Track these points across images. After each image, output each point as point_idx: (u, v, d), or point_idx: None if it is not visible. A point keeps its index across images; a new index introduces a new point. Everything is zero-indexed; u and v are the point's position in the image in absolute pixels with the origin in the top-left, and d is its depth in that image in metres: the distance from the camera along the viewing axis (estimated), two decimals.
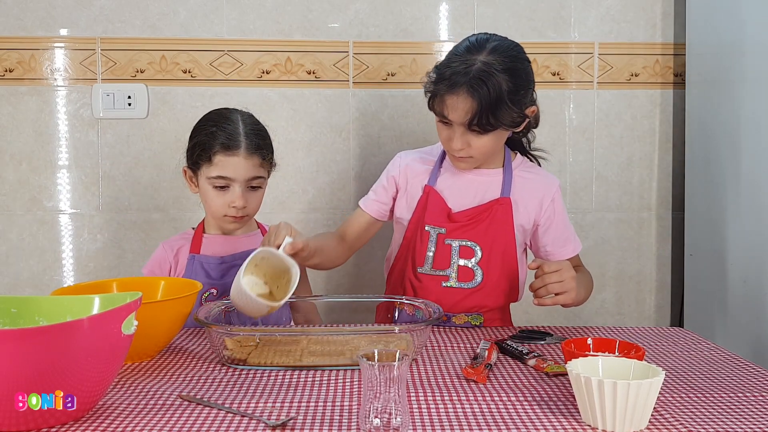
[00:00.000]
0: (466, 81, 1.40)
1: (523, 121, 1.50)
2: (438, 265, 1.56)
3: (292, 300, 1.67)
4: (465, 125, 1.45)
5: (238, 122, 1.59)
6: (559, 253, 1.61)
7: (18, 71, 2.08)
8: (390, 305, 1.55)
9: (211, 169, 1.57)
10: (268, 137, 1.64)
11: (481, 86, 1.40)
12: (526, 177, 1.61)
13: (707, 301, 2.00)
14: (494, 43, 1.46)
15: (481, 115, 1.41)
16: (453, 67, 1.43)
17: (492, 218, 1.55)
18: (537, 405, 1.04)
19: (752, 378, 1.17)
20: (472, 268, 1.55)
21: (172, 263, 1.65)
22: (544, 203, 1.60)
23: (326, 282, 2.18)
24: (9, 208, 2.11)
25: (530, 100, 1.50)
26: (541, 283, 1.40)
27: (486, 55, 1.43)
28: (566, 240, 1.63)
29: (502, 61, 1.42)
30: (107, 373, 0.99)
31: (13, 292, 2.11)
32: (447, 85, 1.43)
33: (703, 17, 2.01)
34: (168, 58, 2.09)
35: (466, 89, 1.41)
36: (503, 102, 1.41)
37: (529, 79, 1.48)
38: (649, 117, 2.20)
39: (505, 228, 1.56)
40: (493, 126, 1.44)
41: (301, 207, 2.16)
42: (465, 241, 1.55)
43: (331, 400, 1.06)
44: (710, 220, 1.98)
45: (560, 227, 1.62)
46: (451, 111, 1.45)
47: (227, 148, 1.55)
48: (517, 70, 1.45)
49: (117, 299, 1.08)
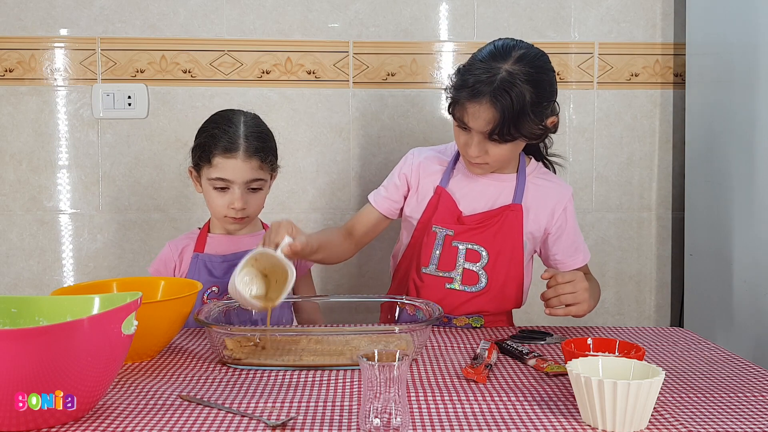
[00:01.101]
0: (490, 91, 1.37)
1: (544, 132, 1.48)
2: (443, 267, 1.55)
3: (295, 300, 1.68)
4: (485, 134, 1.42)
5: (240, 124, 1.59)
6: (568, 262, 1.60)
7: (18, 71, 2.08)
8: (394, 305, 1.54)
9: (211, 171, 1.58)
10: (269, 140, 1.64)
11: (505, 97, 1.37)
12: (539, 184, 1.59)
13: (707, 301, 2.00)
14: (521, 51, 1.42)
15: (503, 126, 1.39)
16: (476, 75, 1.40)
17: (502, 224, 1.54)
18: (537, 405, 1.04)
19: (752, 378, 1.17)
20: (477, 272, 1.53)
21: (177, 262, 1.66)
22: (556, 212, 1.58)
23: (327, 282, 2.18)
24: (9, 208, 2.11)
25: (551, 110, 1.47)
26: (554, 293, 1.39)
27: (511, 64, 1.39)
28: (576, 249, 1.61)
29: (527, 72, 1.39)
30: (107, 373, 0.99)
31: (13, 292, 2.11)
32: (469, 92, 1.40)
33: (703, 17, 2.01)
34: (168, 58, 2.09)
35: (489, 99, 1.38)
36: (526, 114, 1.39)
37: (552, 91, 1.46)
38: (649, 117, 2.20)
39: (514, 234, 1.54)
40: (513, 137, 1.42)
41: (301, 207, 2.16)
42: (472, 244, 1.53)
43: (331, 400, 1.06)
44: (710, 220, 1.98)
45: (571, 236, 1.60)
46: (471, 119, 1.42)
47: (226, 150, 1.56)
48: (542, 81, 1.42)
49: (117, 299, 1.08)
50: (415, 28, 2.13)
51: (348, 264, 2.18)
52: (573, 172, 2.19)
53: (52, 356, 0.90)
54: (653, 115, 2.20)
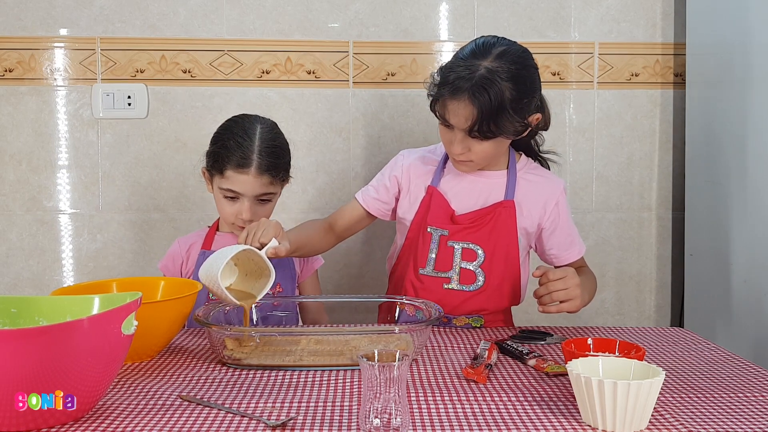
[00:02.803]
0: (469, 87, 1.38)
1: (525, 129, 1.48)
2: (440, 267, 1.55)
3: (301, 300, 1.70)
4: (466, 131, 1.43)
5: (255, 138, 1.58)
6: (564, 256, 1.61)
7: (18, 71, 2.08)
8: (392, 305, 1.55)
9: (222, 182, 1.59)
10: (284, 155, 1.63)
11: (483, 94, 1.37)
12: (530, 179, 1.59)
13: (707, 301, 2.00)
14: (501, 48, 1.42)
15: (482, 123, 1.39)
16: (456, 72, 1.40)
17: (495, 221, 1.54)
18: (537, 405, 1.04)
19: (752, 378, 1.17)
20: (474, 270, 1.54)
21: (184, 258, 1.69)
22: (548, 206, 1.58)
23: (326, 282, 2.18)
24: (9, 208, 2.11)
25: (535, 107, 1.47)
26: (546, 290, 1.39)
27: (491, 61, 1.39)
28: (571, 243, 1.61)
29: (507, 68, 1.39)
30: (107, 373, 0.99)
31: (13, 292, 2.11)
32: (449, 89, 1.40)
33: (703, 17, 2.01)
34: (168, 58, 2.09)
35: (468, 96, 1.38)
36: (505, 110, 1.39)
37: (534, 87, 1.45)
38: (649, 117, 2.20)
39: (508, 231, 1.55)
40: (493, 133, 1.42)
41: (301, 207, 2.16)
42: (468, 243, 1.54)
43: (331, 400, 1.06)
44: (710, 220, 1.98)
45: (565, 230, 1.60)
46: (452, 116, 1.43)
47: (239, 165, 1.56)
48: (522, 78, 1.41)
49: (117, 299, 1.08)
50: (415, 28, 2.13)
51: (348, 264, 2.18)
52: (573, 172, 2.19)
53: (52, 356, 0.90)
54: (653, 115, 2.20)
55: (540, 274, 1.41)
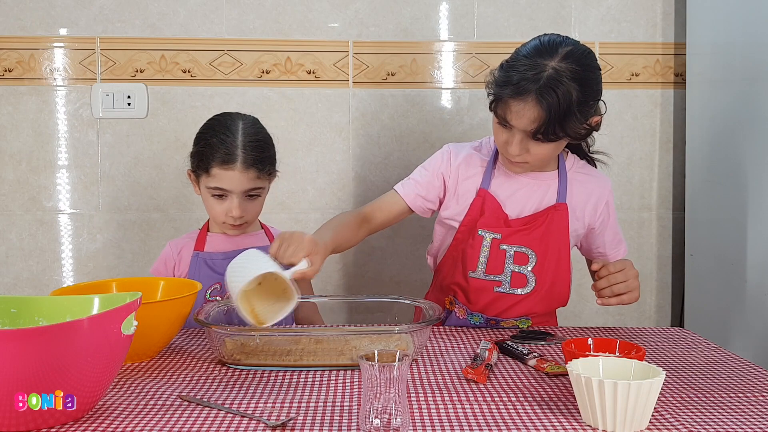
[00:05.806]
0: (536, 88, 1.32)
1: (589, 132, 1.44)
2: (491, 270, 1.51)
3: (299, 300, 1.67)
4: (528, 133, 1.38)
5: (238, 133, 1.57)
6: (612, 254, 1.59)
7: (17, 71, 2.08)
8: (442, 300, 1.53)
9: (209, 180, 1.58)
10: (268, 149, 1.62)
11: (551, 95, 1.31)
12: (580, 180, 1.56)
13: (708, 301, 2.00)
14: (567, 48, 1.36)
15: (548, 126, 1.34)
16: (521, 72, 1.34)
17: (548, 224, 1.50)
18: (537, 405, 1.04)
19: (753, 378, 1.17)
20: (525, 274, 1.50)
21: (176, 260, 1.67)
22: (599, 207, 1.56)
23: (327, 282, 2.18)
24: (9, 208, 2.11)
25: (596, 109, 1.44)
26: (607, 283, 1.38)
27: (558, 61, 1.34)
28: (619, 242, 1.60)
29: (574, 69, 1.34)
30: (107, 373, 0.99)
31: (13, 292, 2.11)
32: (513, 90, 1.34)
33: (704, 17, 2.01)
34: (168, 57, 2.09)
35: (535, 97, 1.32)
36: (572, 113, 1.34)
37: (598, 89, 1.41)
38: (649, 117, 2.20)
39: (560, 234, 1.51)
40: (558, 136, 1.37)
41: (301, 207, 2.16)
42: (520, 247, 1.50)
43: (331, 400, 1.06)
44: (711, 220, 1.98)
45: (613, 229, 1.59)
46: (515, 117, 1.37)
47: (223, 162, 1.55)
48: (588, 79, 1.37)
49: (117, 299, 1.08)
50: (415, 28, 2.13)
51: (348, 264, 2.18)
52: None
53: (52, 356, 0.90)
54: (653, 115, 2.20)
55: (599, 267, 1.39)
